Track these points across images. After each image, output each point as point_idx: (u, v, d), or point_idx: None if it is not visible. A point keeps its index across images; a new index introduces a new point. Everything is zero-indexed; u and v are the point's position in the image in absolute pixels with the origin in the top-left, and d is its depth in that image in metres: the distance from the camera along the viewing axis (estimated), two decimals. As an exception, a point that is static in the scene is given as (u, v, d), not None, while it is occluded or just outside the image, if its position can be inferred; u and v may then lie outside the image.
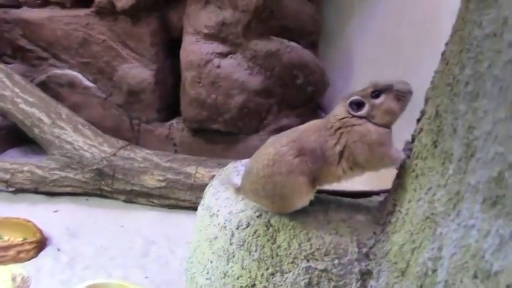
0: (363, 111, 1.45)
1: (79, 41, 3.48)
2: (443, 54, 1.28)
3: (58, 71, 3.58)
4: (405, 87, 1.46)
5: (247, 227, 1.50)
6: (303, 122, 3.42)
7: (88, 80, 3.57)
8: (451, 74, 1.17)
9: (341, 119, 1.46)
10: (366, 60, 3.58)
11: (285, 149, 1.47)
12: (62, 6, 3.56)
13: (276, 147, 1.49)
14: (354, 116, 1.45)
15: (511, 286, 0.94)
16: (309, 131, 1.51)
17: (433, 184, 1.20)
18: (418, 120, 1.39)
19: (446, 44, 1.27)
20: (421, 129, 1.32)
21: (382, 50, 3.49)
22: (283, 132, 1.57)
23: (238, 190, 1.62)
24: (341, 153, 1.45)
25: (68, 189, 3.04)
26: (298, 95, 3.36)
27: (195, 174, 2.93)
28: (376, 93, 1.46)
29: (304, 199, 1.48)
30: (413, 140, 1.39)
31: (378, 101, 1.45)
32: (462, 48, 1.14)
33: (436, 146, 1.21)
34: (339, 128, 1.46)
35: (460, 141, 1.11)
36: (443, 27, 1.37)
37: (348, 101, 1.46)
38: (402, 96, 1.44)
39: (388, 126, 1.46)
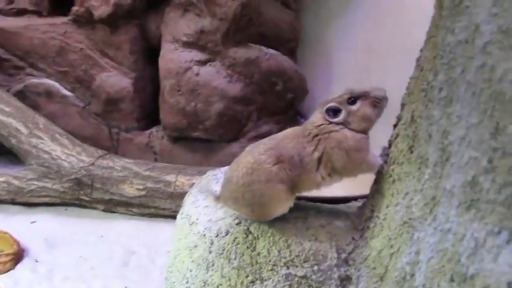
0: (340, 118, 1.46)
1: (56, 50, 3.44)
2: (417, 60, 1.30)
3: (35, 80, 3.53)
4: (381, 94, 1.47)
5: (227, 234, 1.49)
6: (282, 129, 3.43)
7: (66, 88, 3.53)
8: (425, 80, 1.19)
9: (318, 126, 1.47)
10: (345, 67, 3.61)
11: (263, 157, 1.47)
12: (39, 14, 3.52)
13: (254, 156, 1.50)
14: (331, 123, 1.46)
15: (486, 289, 0.95)
16: (286, 138, 1.51)
17: (409, 189, 1.22)
18: (395, 126, 1.40)
19: (421, 51, 1.29)
20: (397, 135, 1.33)
21: (360, 57, 3.52)
22: (261, 140, 1.57)
23: (218, 198, 1.62)
24: (319, 160, 1.46)
25: (46, 200, 2.99)
26: (277, 102, 3.37)
27: (175, 182, 2.91)
28: (352, 99, 1.47)
29: (283, 206, 1.49)
30: (390, 146, 1.40)
31: (354, 107, 1.46)
32: (436, 54, 1.16)
33: (412, 152, 1.23)
34: (317, 135, 1.47)
35: (435, 146, 1.13)
36: (420, 34, 1.39)
37: (325, 108, 1.47)
38: (378, 102, 1.46)
39: (365, 132, 1.47)
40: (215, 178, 1.76)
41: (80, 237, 2.74)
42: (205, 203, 1.62)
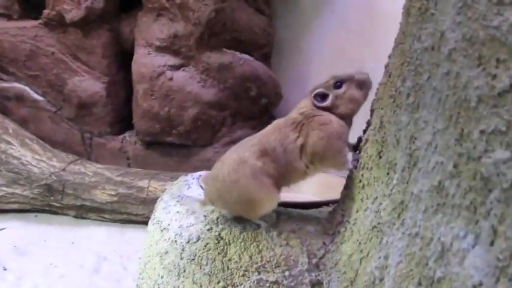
0: (328, 102, 1.49)
1: (27, 53, 3.39)
2: (386, 66, 1.31)
3: (5, 84, 3.47)
4: (365, 77, 1.51)
5: (198, 240, 1.48)
6: (257, 134, 3.44)
7: (37, 93, 3.48)
8: (393, 86, 1.20)
9: (303, 113, 1.49)
10: (319, 72, 3.64)
11: (247, 154, 1.48)
12: (9, 18, 3.46)
13: (239, 153, 1.51)
14: (318, 108, 1.48)
15: (452, 292, 0.96)
16: (268, 132, 1.53)
17: (378, 194, 1.23)
18: (364, 131, 1.41)
19: (389, 57, 1.31)
20: (367, 140, 1.35)
21: (334, 62, 3.56)
22: (246, 138, 1.58)
23: (204, 202, 1.59)
24: (302, 147, 1.47)
25: (15, 206, 2.94)
26: (252, 107, 3.37)
27: (147, 188, 2.89)
28: (338, 83, 1.50)
29: (271, 201, 1.49)
30: (360, 151, 1.41)
31: (340, 90, 1.50)
32: (403, 61, 1.17)
33: (380, 157, 1.24)
34: (301, 122, 1.48)
35: (403, 151, 1.14)
36: (392, 40, 1.41)
37: (313, 94, 1.49)
38: (363, 84, 1.48)
39: (351, 115, 1.49)
40: (186, 184, 1.75)
41: (50, 244, 2.70)
42: (176, 209, 1.60)
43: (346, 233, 1.36)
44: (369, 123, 1.38)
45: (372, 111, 1.37)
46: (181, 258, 1.50)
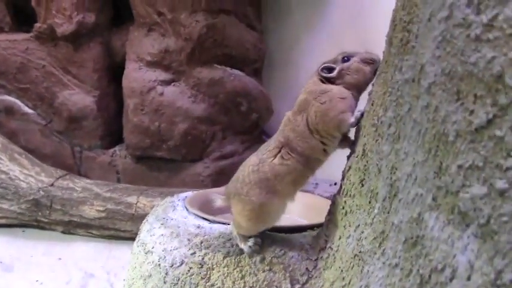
0: (334, 73, 1.49)
1: (17, 66, 3.38)
2: (369, 94, 1.32)
3: (-5, 97, 3.46)
4: (373, 55, 1.50)
5: (181, 265, 1.48)
6: (248, 149, 3.46)
7: (27, 106, 3.47)
8: (376, 115, 1.21)
9: (308, 91, 1.50)
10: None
11: (266, 155, 1.51)
12: (0, 30, 3.46)
13: (258, 155, 1.53)
14: (325, 80, 1.49)
15: (430, 325, 0.96)
16: (281, 126, 1.54)
17: (360, 222, 1.23)
18: (348, 158, 1.42)
19: (373, 85, 1.31)
20: (350, 167, 1.35)
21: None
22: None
23: (225, 199, 1.59)
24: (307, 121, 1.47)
25: (3, 221, 2.92)
26: (242, 122, 3.38)
27: (136, 204, 2.88)
28: (346, 58, 1.51)
29: (278, 213, 1.52)
30: (343, 178, 1.41)
31: (348, 63, 1.50)
32: (385, 90, 1.18)
33: (363, 185, 1.24)
34: (305, 99, 1.48)
35: (384, 181, 1.14)
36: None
37: (320, 67, 1.52)
38: (371, 60, 1.48)
39: (358, 86, 1.47)
40: (172, 205, 1.75)
41: (37, 260, 2.68)
42: (160, 232, 1.60)
43: (329, 259, 1.36)
44: (352, 150, 1.39)
45: (356, 138, 1.37)
46: (165, 282, 1.49)
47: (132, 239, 2.71)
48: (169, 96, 3.20)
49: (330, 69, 1.51)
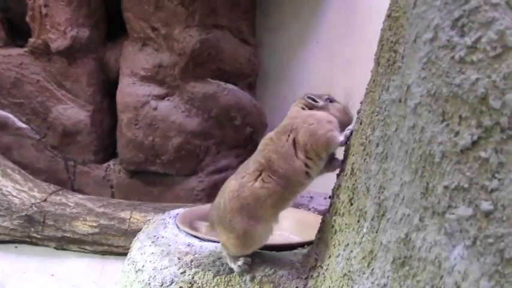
0: (321, 103, 1.54)
1: (12, 81, 3.38)
2: (358, 112, 1.33)
3: (-11, 112, 3.46)
4: (350, 114, 1.54)
5: (171, 284, 1.47)
6: (241, 163, 3.45)
7: (21, 120, 3.46)
8: (364, 134, 1.21)
9: (292, 116, 1.52)
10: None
11: (245, 179, 1.48)
12: (-6, 45, 3.46)
13: (237, 179, 1.51)
14: (310, 107, 1.53)
15: None
16: (260, 148, 1.54)
17: (350, 241, 1.23)
18: (338, 176, 1.42)
19: (361, 103, 1.32)
20: (339, 186, 1.35)
21: (319, 91, 3.58)
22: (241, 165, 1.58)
23: (211, 226, 1.57)
24: (294, 143, 1.46)
25: (-4, 237, 2.90)
26: (236, 136, 3.38)
27: (129, 219, 2.86)
28: (329, 100, 1.57)
29: (266, 234, 1.50)
30: (332, 196, 1.41)
31: (331, 103, 1.56)
32: (373, 109, 1.18)
33: (352, 204, 1.24)
34: (290, 123, 1.50)
35: (372, 200, 1.14)
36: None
37: (307, 95, 1.56)
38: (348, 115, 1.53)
39: (339, 121, 1.50)
40: (163, 223, 1.74)
41: (29, 276, 2.66)
42: (151, 250, 1.59)
43: (319, 278, 1.36)
44: (341, 169, 1.39)
45: (345, 157, 1.37)
46: (155, 301, 1.49)
47: (125, 254, 2.68)
48: (163, 111, 3.20)
49: (315, 100, 1.56)
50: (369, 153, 1.17)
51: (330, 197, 1.42)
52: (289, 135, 1.47)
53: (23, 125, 3.45)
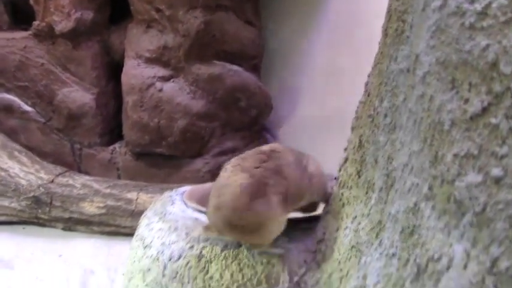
0: None
1: (16, 64, 3.37)
2: (366, 85, 1.32)
3: (-6, 95, 3.46)
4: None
5: (180, 258, 1.48)
6: (247, 145, 3.46)
7: (26, 104, 3.46)
8: (372, 106, 1.21)
9: None
10: (310, 83, 3.65)
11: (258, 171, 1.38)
12: (-1, 28, 3.46)
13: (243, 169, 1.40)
14: None
15: (427, 314, 0.96)
16: None
17: (357, 213, 1.23)
18: (345, 150, 1.42)
19: (369, 76, 1.31)
20: (347, 159, 1.35)
21: (325, 72, 3.57)
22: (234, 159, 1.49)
23: (208, 228, 1.48)
24: None
25: (3, 218, 2.92)
26: (242, 118, 3.37)
27: (136, 200, 2.88)
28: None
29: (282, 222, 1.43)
30: (340, 169, 1.42)
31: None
32: (381, 81, 1.18)
33: (360, 176, 1.24)
34: None
35: (380, 171, 1.14)
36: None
37: None
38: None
39: None
40: (170, 200, 1.75)
41: (37, 257, 2.68)
42: (159, 226, 1.60)
43: (327, 251, 1.36)
44: (349, 142, 1.39)
45: (352, 129, 1.37)
46: (164, 276, 1.50)
47: (132, 234, 2.71)
48: (168, 93, 3.19)
49: None
50: (376, 124, 1.17)
51: (338, 171, 1.42)
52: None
53: (29, 109, 3.45)
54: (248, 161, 1.42)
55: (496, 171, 0.86)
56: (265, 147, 1.51)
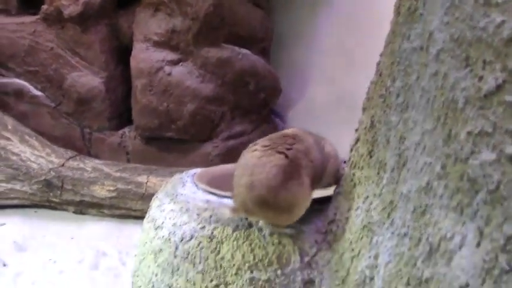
0: None
1: (26, 49, 3.38)
2: (377, 65, 1.31)
3: (4, 80, 3.46)
4: None
5: (191, 239, 1.49)
6: (256, 128, 3.46)
7: (36, 88, 3.47)
8: (383, 86, 1.20)
9: None
10: (319, 66, 3.64)
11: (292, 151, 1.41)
12: (7, 13, 3.45)
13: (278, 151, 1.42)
14: None
15: (439, 293, 0.96)
16: None
17: (369, 193, 1.23)
18: (356, 130, 1.41)
19: (380, 55, 1.30)
20: (358, 139, 1.35)
21: (334, 56, 3.56)
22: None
23: (236, 210, 1.45)
24: None
25: (15, 202, 2.96)
26: (250, 101, 3.37)
27: (146, 183, 2.89)
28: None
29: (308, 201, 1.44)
30: (351, 150, 1.41)
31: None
32: (393, 60, 1.17)
33: (371, 156, 1.24)
34: None
35: (392, 151, 1.14)
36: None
37: None
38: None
39: None
40: (181, 181, 1.75)
41: (49, 240, 2.71)
42: (170, 207, 1.61)
43: (338, 231, 1.36)
44: (360, 123, 1.38)
45: (364, 110, 1.36)
46: (175, 257, 1.51)
47: (143, 217, 2.72)
48: (177, 76, 3.19)
49: None
50: (388, 104, 1.16)
51: (349, 151, 1.42)
52: None
53: (38, 93, 3.47)
54: (279, 142, 1.44)
55: (511, 149, 0.85)
56: (288, 131, 1.55)
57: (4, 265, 2.43)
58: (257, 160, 1.40)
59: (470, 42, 0.92)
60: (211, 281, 1.45)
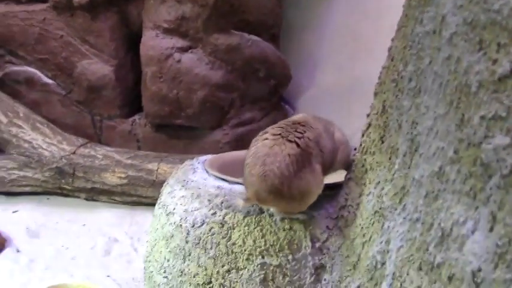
0: None
1: (36, 37, 3.39)
2: (389, 50, 1.30)
3: (15, 68, 3.48)
4: None
5: (202, 224, 1.50)
6: (266, 116, 3.45)
7: (47, 76, 3.48)
8: (396, 70, 1.19)
9: None
10: (329, 52, 3.61)
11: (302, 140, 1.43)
12: (17, 1, 3.45)
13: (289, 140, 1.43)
14: None
15: (452, 277, 0.96)
16: None
17: (381, 179, 1.23)
18: (368, 116, 1.41)
19: (392, 40, 1.29)
20: (370, 125, 1.34)
21: (344, 42, 3.53)
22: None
23: (248, 199, 1.45)
24: None
25: (27, 189, 2.98)
26: (260, 88, 3.36)
27: (157, 170, 2.91)
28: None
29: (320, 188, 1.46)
30: (362, 135, 1.41)
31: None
32: (405, 44, 1.16)
33: (383, 141, 1.24)
34: None
35: (404, 136, 1.13)
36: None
37: None
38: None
39: None
40: (192, 168, 1.76)
41: (62, 227, 2.74)
42: (181, 193, 1.62)
43: (349, 217, 1.36)
44: (372, 108, 1.38)
45: (375, 95, 1.36)
46: (187, 242, 1.52)
47: (153, 204, 2.73)
48: (187, 64, 3.18)
49: None
50: (401, 89, 1.15)
51: (361, 137, 1.42)
52: None
53: (49, 81, 3.48)
54: (289, 131, 1.44)
55: (525, 133, 0.85)
56: (297, 118, 1.54)
57: (18, 251, 2.46)
58: (269, 149, 1.40)
59: (484, 25, 0.90)
60: (223, 266, 1.46)
